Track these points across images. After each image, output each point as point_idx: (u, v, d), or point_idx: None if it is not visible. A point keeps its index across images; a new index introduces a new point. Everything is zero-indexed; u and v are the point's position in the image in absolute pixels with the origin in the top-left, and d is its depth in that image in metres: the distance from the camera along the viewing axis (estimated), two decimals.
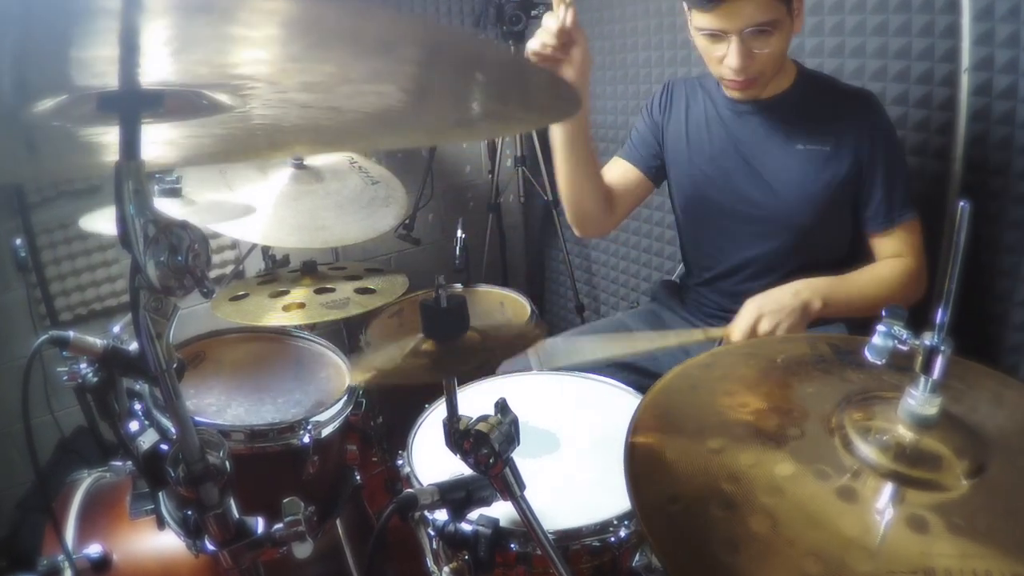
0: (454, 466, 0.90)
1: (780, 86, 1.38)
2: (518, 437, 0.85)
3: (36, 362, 0.75)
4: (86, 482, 1.27)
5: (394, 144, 1.74)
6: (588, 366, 1.33)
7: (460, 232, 2.11)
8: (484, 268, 2.70)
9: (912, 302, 1.34)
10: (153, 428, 0.75)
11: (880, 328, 0.71)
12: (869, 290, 1.33)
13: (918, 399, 0.68)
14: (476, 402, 0.90)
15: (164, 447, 0.72)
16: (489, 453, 0.82)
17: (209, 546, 0.75)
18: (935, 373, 0.66)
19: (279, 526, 0.78)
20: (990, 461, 0.68)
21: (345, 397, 1.34)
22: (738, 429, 0.76)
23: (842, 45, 1.63)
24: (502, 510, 0.92)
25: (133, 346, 0.69)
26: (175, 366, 0.69)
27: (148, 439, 0.73)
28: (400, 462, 1.12)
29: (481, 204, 2.69)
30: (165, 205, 1.45)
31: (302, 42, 0.47)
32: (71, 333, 0.73)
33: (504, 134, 1.16)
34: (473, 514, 0.92)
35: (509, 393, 0.89)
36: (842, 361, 0.86)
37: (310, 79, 0.56)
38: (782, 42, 1.26)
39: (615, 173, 1.58)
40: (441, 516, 0.94)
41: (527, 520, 0.85)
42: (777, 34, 1.23)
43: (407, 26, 0.46)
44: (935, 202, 1.48)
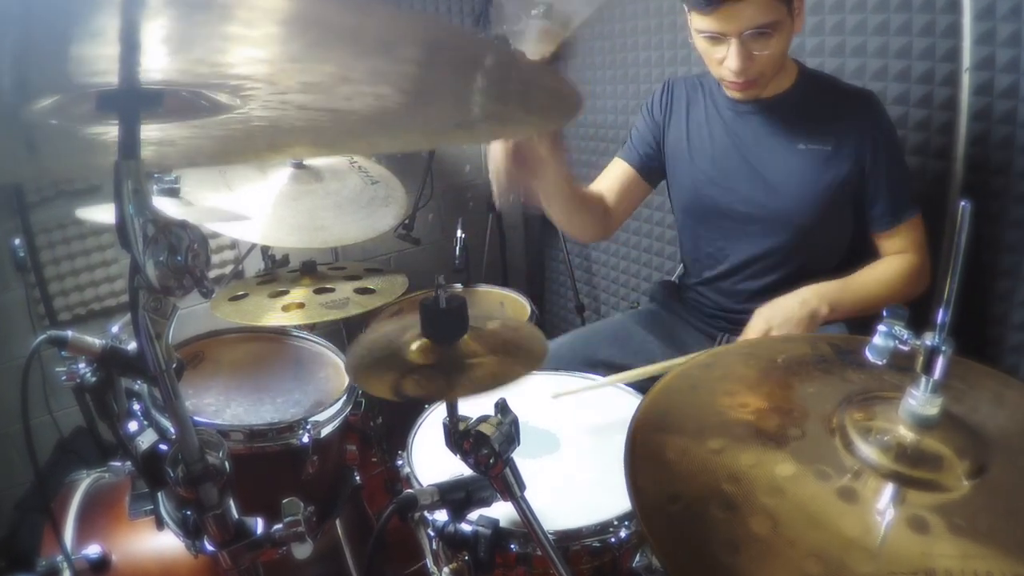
0: (454, 466, 0.90)
1: (781, 86, 1.37)
2: (518, 437, 0.85)
3: (35, 362, 0.75)
4: (85, 482, 1.27)
5: (393, 147, 1.74)
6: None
7: (460, 232, 2.11)
8: (484, 268, 2.69)
9: (916, 296, 1.35)
10: (152, 428, 0.75)
11: (881, 328, 0.70)
12: (874, 290, 1.34)
13: (919, 399, 0.67)
14: (476, 402, 0.89)
15: (163, 447, 0.72)
16: (489, 453, 0.82)
17: (208, 547, 0.75)
18: (936, 373, 0.66)
19: (278, 526, 0.78)
20: (991, 461, 0.67)
21: (344, 397, 1.34)
22: (739, 429, 0.75)
23: (843, 44, 1.63)
24: (502, 510, 0.92)
25: (132, 346, 0.69)
26: (174, 366, 0.69)
27: (147, 439, 0.73)
28: (400, 462, 1.12)
29: (481, 204, 2.68)
30: (164, 205, 1.45)
31: (301, 41, 0.47)
32: (70, 333, 0.73)
33: (504, 137, 1.15)
34: (473, 515, 0.92)
35: (509, 393, 0.89)
36: (843, 361, 0.86)
37: (309, 79, 0.55)
38: (782, 43, 1.26)
39: (614, 176, 1.58)
40: (441, 517, 0.94)
41: (527, 521, 0.85)
42: (777, 35, 1.23)
43: (407, 24, 0.46)
44: (936, 202, 1.48)
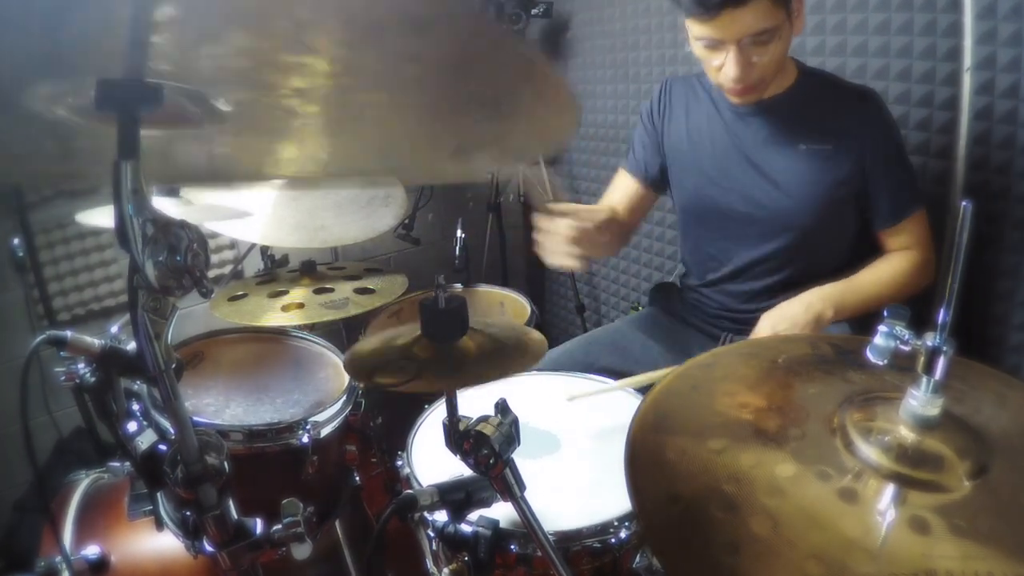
0: (454, 467, 0.89)
1: (781, 86, 1.37)
2: (518, 438, 0.85)
3: (34, 362, 0.75)
4: (84, 483, 1.26)
5: (391, 178, 1.69)
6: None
7: (460, 232, 2.11)
8: (484, 268, 2.69)
9: (921, 291, 1.35)
10: (151, 428, 0.75)
11: (882, 328, 0.70)
12: (878, 290, 1.34)
13: (920, 400, 0.67)
14: (476, 402, 0.89)
15: (162, 448, 0.72)
16: (489, 454, 0.82)
17: (208, 547, 0.75)
18: (937, 374, 0.66)
19: (278, 527, 0.77)
20: (992, 462, 0.67)
21: (344, 397, 1.33)
22: (739, 430, 0.75)
23: (844, 44, 1.63)
24: (502, 511, 0.92)
25: (131, 346, 0.69)
26: (173, 366, 0.69)
27: (146, 440, 0.73)
28: (399, 463, 1.12)
29: (481, 204, 2.67)
30: (163, 204, 1.45)
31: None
32: (69, 333, 0.73)
33: (505, 164, 1.10)
34: (473, 515, 0.92)
35: (509, 393, 0.89)
36: (844, 361, 0.86)
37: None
38: (781, 47, 1.25)
39: (622, 191, 1.61)
40: (441, 517, 0.94)
41: (527, 521, 0.85)
42: (776, 41, 1.22)
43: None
44: (937, 201, 1.48)
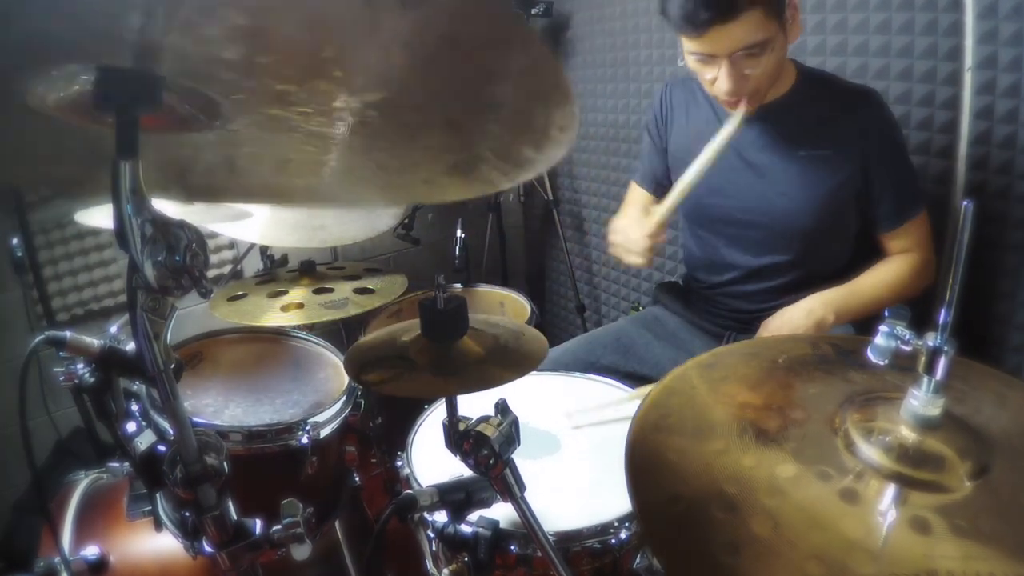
0: (454, 467, 0.89)
1: (779, 90, 1.36)
2: (518, 438, 0.85)
3: (33, 362, 0.75)
4: (83, 483, 1.26)
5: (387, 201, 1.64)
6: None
7: (460, 232, 2.10)
8: (484, 268, 2.69)
9: (921, 291, 1.35)
10: (150, 429, 0.75)
11: (883, 328, 0.70)
12: (879, 293, 1.34)
13: (921, 400, 0.67)
14: (476, 403, 0.89)
15: (161, 448, 0.72)
16: (489, 454, 0.82)
17: (207, 548, 0.75)
18: (938, 374, 0.66)
19: (277, 528, 0.77)
20: (993, 462, 0.67)
21: (344, 398, 1.33)
22: (739, 430, 0.75)
23: (845, 43, 1.63)
24: (502, 511, 0.91)
25: (130, 346, 0.69)
26: (173, 366, 0.69)
27: (145, 440, 0.73)
28: (399, 463, 1.11)
29: (481, 204, 2.67)
30: (162, 204, 1.44)
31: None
32: (68, 333, 0.73)
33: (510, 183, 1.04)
34: (473, 516, 0.92)
35: (509, 394, 0.89)
36: (844, 361, 0.86)
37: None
38: (775, 58, 1.24)
39: (638, 205, 1.64)
40: (441, 518, 0.94)
41: (527, 522, 0.84)
42: (769, 53, 1.22)
43: None
44: (938, 201, 1.48)
